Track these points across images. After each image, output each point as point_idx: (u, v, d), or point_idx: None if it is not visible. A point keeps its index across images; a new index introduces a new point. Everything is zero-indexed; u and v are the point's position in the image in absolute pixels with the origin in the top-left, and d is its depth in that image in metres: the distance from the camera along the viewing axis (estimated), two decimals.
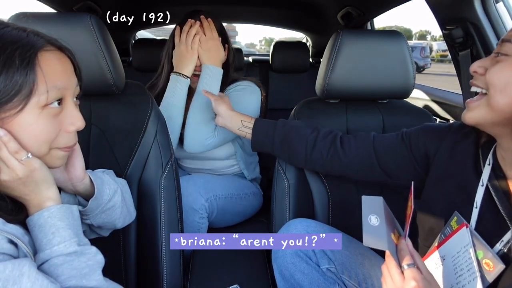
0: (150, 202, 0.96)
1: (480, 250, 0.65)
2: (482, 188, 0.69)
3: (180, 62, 1.26)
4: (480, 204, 0.68)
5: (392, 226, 0.68)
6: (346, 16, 1.79)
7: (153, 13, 2.07)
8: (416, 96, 1.85)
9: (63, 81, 0.59)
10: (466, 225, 0.68)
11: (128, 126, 0.97)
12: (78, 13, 1.45)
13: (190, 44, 1.24)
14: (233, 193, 1.34)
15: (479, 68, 0.68)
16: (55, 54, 0.59)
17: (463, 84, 1.25)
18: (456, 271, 0.67)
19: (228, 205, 1.32)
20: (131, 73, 2.05)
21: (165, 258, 0.95)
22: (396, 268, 0.60)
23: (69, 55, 0.62)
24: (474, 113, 0.68)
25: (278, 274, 0.89)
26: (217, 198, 1.28)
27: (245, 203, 1.39)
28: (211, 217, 1.28)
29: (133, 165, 0.96)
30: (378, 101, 1.14)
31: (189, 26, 1.26)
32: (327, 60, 1.03)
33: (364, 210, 0.68)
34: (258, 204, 1.49)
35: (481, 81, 0.67)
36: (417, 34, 54.02)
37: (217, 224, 1.35)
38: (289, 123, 1.00)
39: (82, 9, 1.51)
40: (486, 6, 1.15)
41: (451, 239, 0.70)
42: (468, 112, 0.69)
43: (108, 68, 0.89)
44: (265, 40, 49.14)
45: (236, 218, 1.41)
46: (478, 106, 0.67)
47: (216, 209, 1.28)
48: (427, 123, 0.89)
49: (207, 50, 1.25)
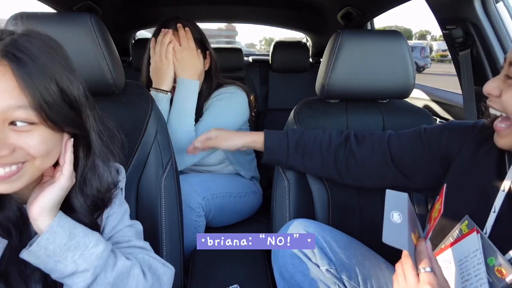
0: (150, 202, 0.96)
1: (492, 256, 0.63)
2: (503, 193, 0.67)
3: (157, 77, 1.21)
4: (499, 209, 0.67)
5: (413, 225, 0.66)
6: (346, 16, 1.79)
7: (153, 13, 2.07)
8: (416, 96, 1.85)
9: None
10: (477, 230, 0.67)
11: (128, 126, 0.96)
12: (78, 13, 1.45)
13: (164, 54, 1.20)
14: (231, 192, 1.33)
15: (493, 90, 0.67)
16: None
17: (463, 84, 1.25)
18: (462, 276, 0.66)
19: (227, 203, 1.31)
20: (131, 73, 2.04)
21: (165, 258, 0.94)
22: (412, 269, 0.58)
23: (13, 64, 0.48)
24: (506, 140, 0.69)
25: (278, 275, 0.89)
26: (214, 196, 1.27)
27: (244, 202, 1.38)
28: (209, 215, 1.27)
29: (133, 165, 0.96)
30: (378, 101, 1.14)
31: (162, 35, 1.21)
32: (327, 60, 1.03)
33: (387, 205, 0.65)
34: (258, 203, 1.48)
35: (498, 103, 0.67)
36: (417, 34, 54.00)
37: (216, 223, 1.34)
38: (299, 130, 0.99)
39: (82, 9, 1.51)
40: (486, 6, 1.15)
41: (459, 243, 0.68)
42: (500, 138, 0.70)
43: (108, 68, 0.89)
44: (265, 40, 49.13)
45: (235, 217, 1.40)
46: (508, 134, 0.68)
47: (214, 208, 1.27)
48: (452, 121, 0.87)
49: (182, 60, 1.20)
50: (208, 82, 1.31)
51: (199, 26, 1.31)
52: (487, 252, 0.64)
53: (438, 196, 0.65)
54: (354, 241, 0.93)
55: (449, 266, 0.69)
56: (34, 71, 0.49)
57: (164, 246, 0.95)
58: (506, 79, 0.66)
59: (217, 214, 1.29)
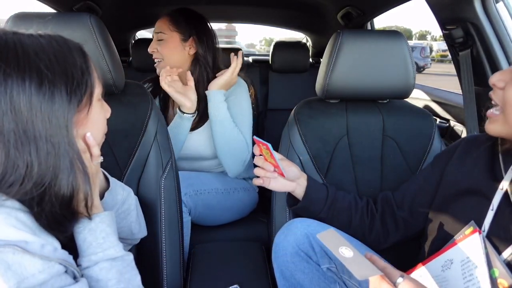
0: (150, 202, 0.96)
1: (496, 268, 0.64)
2: (501, 191, 0.69)
3: (179, 102, 1.26)
4: (497, 207, 0.68)
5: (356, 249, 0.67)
6: (346, 16, 1.79)
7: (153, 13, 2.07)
8: (416, 96, 1.85)
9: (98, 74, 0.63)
10: (480, 231, 0.67)
11: (128, 126, 0.97)
12: (78, 13, 1.45)
13: (171, 85, 1.24)
14: (218, 188, 1.32)
15: (499, 82, 0.69)
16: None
17: (463, 84, 1.25)
18: (464, 276, 0.66)
19: (213, 200, 1.30)
20: (131, 73, 2.05)
21: (165, 258, 0.95)
22: (392, 286, 0.60)
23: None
24: (494, 127, 0.70)
25: (278, 274, 0.89)
26: (198, 193, 1.26)
27: (233, 198, 1.36)
28: (195, 212, 1.26)
29: (133, 165, 0.96)
30: (378, 101, 1.14)
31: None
32: (327, 60, 1.03)
33: (330, 247, 0.65)
34: (250, 200, 1.44)
35: (499, 96, 0.68)
36: (417, 34, 54.01)
37: (207, 221, 1.33)
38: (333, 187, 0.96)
39: (82, 9, 1.51)
40: (486, 6, 1.14)
41: (461, 243, 0.69)
42: (489, 124, 0.72)
43: (108, 68, 0.89)
44: (265, 40, 49.13)
45: (227, 214, 1.37)
46: (497, 121, 0.69)
47: (200, 205, 1.26)
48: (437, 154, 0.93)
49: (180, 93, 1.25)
50: (196, 68, 1.30)
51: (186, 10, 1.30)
52: (490, 260, 0.64)
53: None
54: (354, 240, 0.93)
55: (451, 267, 0.69)
56: None
57: (164, 247, 0.95)
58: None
59: (205, 211, 1.28)
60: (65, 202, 0.55)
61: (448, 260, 0.70)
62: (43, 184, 0.52)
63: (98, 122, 0.62)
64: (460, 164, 0.81)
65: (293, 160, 1.06)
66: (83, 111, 0.58)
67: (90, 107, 0.59)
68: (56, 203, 0.53)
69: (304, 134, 1.07)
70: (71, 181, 0.54)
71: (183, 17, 1.28)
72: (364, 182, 1.07)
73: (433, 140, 1.07)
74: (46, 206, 0.53)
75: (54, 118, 0.52)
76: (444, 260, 0.71)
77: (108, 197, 0.72)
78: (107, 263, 0.60)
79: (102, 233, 0.62)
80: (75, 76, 0.55)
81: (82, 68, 0.57)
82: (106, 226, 0.62)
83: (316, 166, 1.06)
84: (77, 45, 0.59)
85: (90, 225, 0.61)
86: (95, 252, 0.60)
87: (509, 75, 0.68)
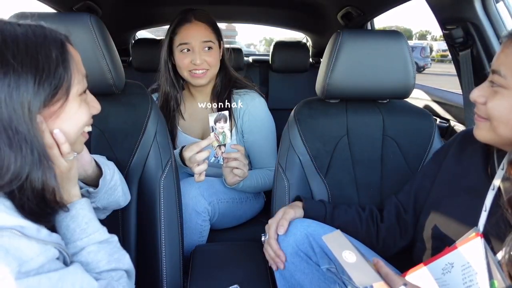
0: (149, 202, 0.96)
1: (496, 280, 0.63)
2: (492, 192, 0.69)
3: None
4: (490, 207, 0.68)
5: (361, 253, 0.66)
6: (346, 16, 1.79)
7: (152, 13, 2.07)
8: (416, 96, 1.85)
9: (84, 69, 0.63)
10: (481, 235, 0.67)
11: (127, 127, 0.96)
12: (78, 13, 1.45)
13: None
14: (235, 197, 1.33)
15: (479, 98, 0.70)
16: (71, 46, 0.61)
17: (463, 84, 1.25)
18: (465, 281, 0.65)
19: (230, 209, 1.31)
20: (131, 73, 2.05)
21: (165, 258, 0.94)
22: None
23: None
24: (482, 134, 0.71)
25: (278, 274, 0.89)
26: (220, 202, 1.26)
27: (245, 207, 1.38)
28: (212, 220, 1.27)
29: (132, 166, 0.96)
30: (378, 101, 1.14)
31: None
32: (327, 60, 1.03)
33: (333, 250, 0.64)
34: (259, 206, 1.48)
35: (483, 111, 0.69)
36: (417, 34, 53.99)
37: (217, 226, 1.34)
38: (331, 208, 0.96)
39: (82, 9, 1.51)
40: (486, 6, 1.14)
41: (462, 247, 0.68)
42: (476, 130, 0.72)
43: (108, 68, 0.89)
44: (265, 40, 49.12)
45: (235, 221, 1.40)
46: (484, 128, 0.70)
47: (218, 213, 1.27)
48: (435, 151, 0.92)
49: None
50: (222, 71, 1.31)
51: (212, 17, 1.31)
52: (491, 269, 0.64)
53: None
54: (354, 240, 0.92)
55: (452, 271, 0.68)
56: None
57: (164, 247, 0.95)
58: (491, 85, 0.68)
59: (220, 218, 1.29)
60: (39, 195, 0.55)
61: (448, 263, 0.69)
62: (20, 178, 0.52)
63: (75, 118, 0.60)
64: (455, 161, 0.81)
65: (294, 160, 1.06)
66: (56, 104, 0.56)
67: (66, 102, 0.58)
68: (31, 196, 0.54)
69: (304, 134, 1.07)
70: (40, 175, 0.54)
71: (214, 21, 1.28)
72: (364, 182, 1.07)
73: (433, 140, 1.07)
74: (24, 198, 0.54)
75: (19, 108, 0.52)
76: (445, 263, 0.70)
77: (102, 183, 0.75)
78: (94, 246, 0.63)
79: (85, 218, 0.64)
80: (45, 68, 0.54)
81: (57, 61, 0.55)
82: (87, 212, 0.65)
83: (316, 166, 1.06)
84: (58, 38, 0.57)
85: (71, 213, 0.63)
86: (80, 238, 0.63)
87: (487, 89, 0.69)
